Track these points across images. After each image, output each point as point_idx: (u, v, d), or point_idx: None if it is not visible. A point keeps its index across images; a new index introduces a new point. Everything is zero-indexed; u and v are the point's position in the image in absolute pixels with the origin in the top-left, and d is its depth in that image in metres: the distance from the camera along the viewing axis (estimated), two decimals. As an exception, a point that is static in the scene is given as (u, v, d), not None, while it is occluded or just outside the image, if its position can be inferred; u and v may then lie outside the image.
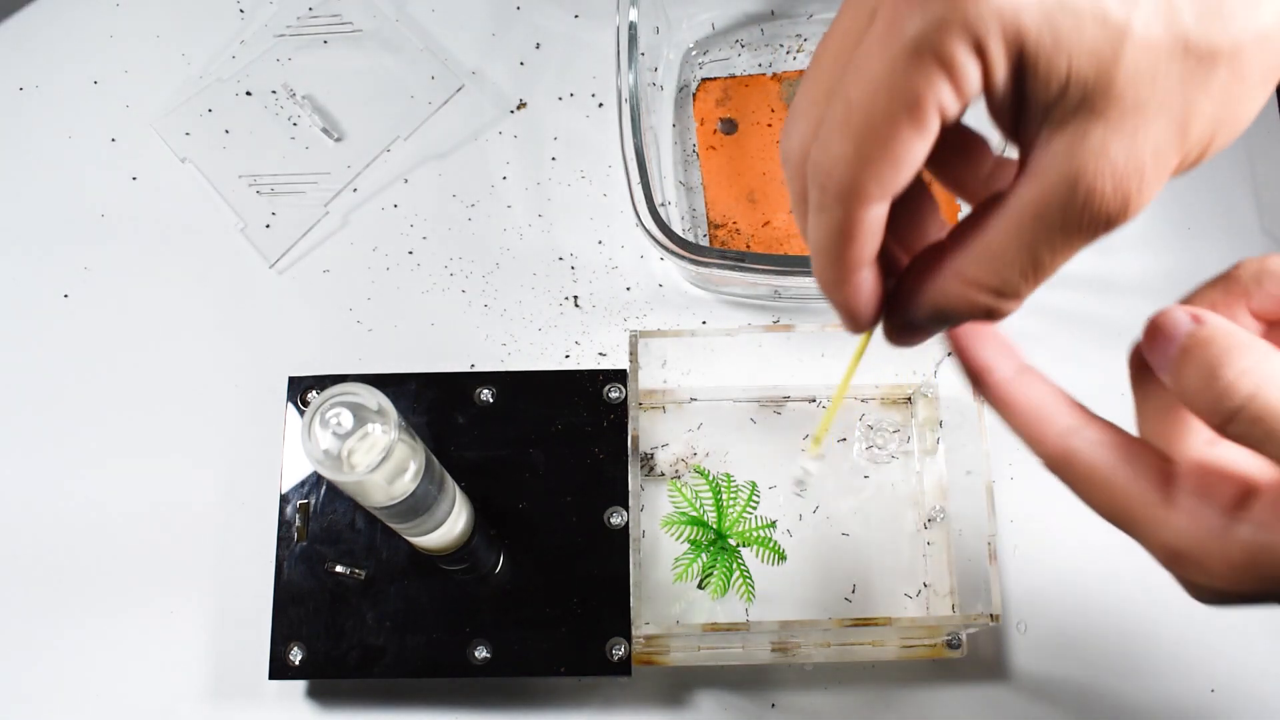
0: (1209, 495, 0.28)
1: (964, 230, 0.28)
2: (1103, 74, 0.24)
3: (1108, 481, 0.29)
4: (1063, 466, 0.30)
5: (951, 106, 0.24)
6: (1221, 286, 0.30)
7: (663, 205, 0.62)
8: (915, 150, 0.25)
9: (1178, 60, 0.24)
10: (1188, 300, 0.31)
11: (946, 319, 0.29)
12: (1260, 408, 0.26)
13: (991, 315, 0.28)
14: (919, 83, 0.24)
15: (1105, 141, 0.24)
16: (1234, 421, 0.26)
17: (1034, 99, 0.25)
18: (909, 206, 0.30)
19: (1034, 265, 0.27)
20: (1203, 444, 0.30)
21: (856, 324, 0.30)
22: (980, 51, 0.23)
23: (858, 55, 0.25)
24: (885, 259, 0.30)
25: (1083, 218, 0.25)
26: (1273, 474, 0.28)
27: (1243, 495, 0.28)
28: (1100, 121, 0.24)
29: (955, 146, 0.30)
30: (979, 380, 0.31)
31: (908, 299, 0.29)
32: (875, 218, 0.27)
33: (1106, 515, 0.29)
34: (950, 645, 0.57)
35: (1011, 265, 0.27)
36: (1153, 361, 0.29)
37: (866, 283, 0.29)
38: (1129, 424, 0.31)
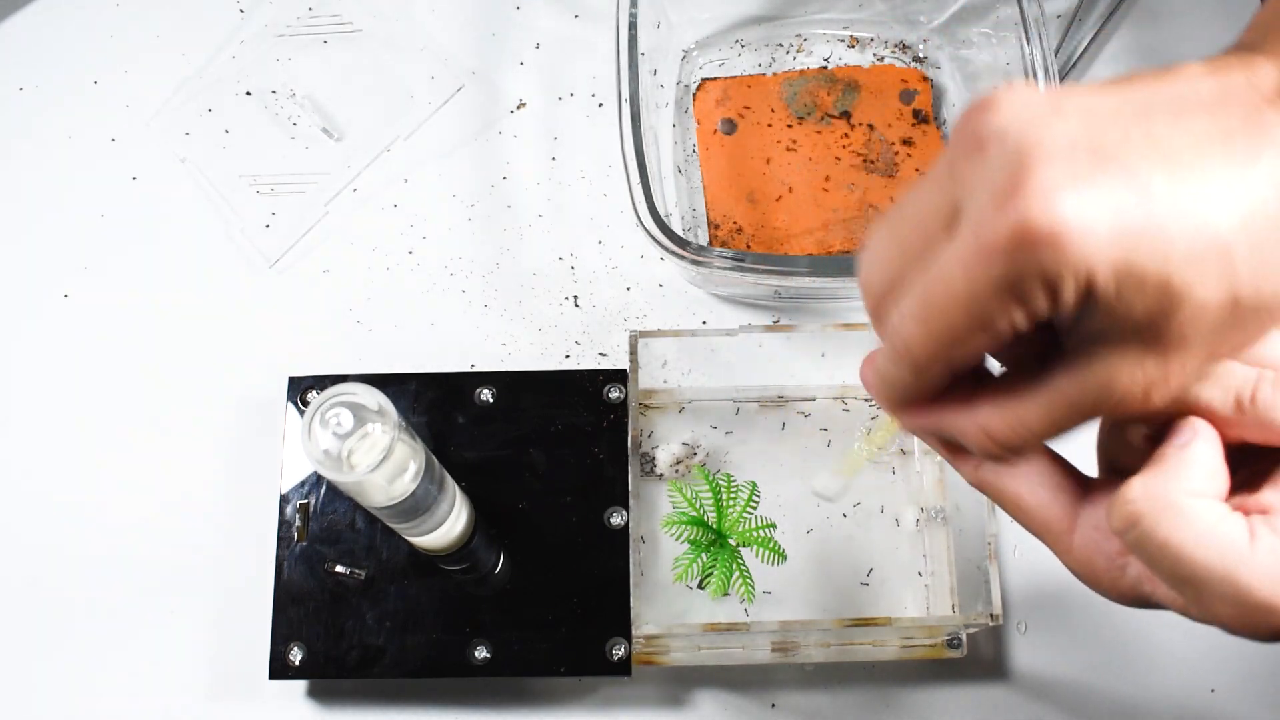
0: (1107, 532, 0.31)
1: (995, 389, 0.31)
2: (1156, 322, 0.26)
3: (1017, 508, 0.33)
4: (979, 488, 0.34)
5: (1020, 325, 0.27)
6: None
7: (663, 206, 0.62)
8: (983, 348, 0.29)
9: (1223, 314, 0.26)
10: None
11: (941, 442, 0.33)
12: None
13: (994, 459, 0.32)
14: (995, 311, 0.27)
15: (1142, 361, 0.27)
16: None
17: (1088, 321, 0.27)
18: None
19: (1050, 434, 0.30)
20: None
21: (887, 411, 0.33)
22: (1053, 295, 0.26)
23: (941, 260, 0.28)
24: None
25: (1108, 410, 0.29)
26: None
27: None
28: (1140, 348, 0.27)
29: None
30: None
31: (929, 418, 0.32)
32: (932, 380, 0.30)
33: (1026, 529, 0.33)
34: (950, 645, 0.57)
35: (1032, 433, 0.30)
36: None
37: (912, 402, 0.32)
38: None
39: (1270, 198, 0.26)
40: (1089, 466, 0.34)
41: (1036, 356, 0.30)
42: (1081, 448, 0.35)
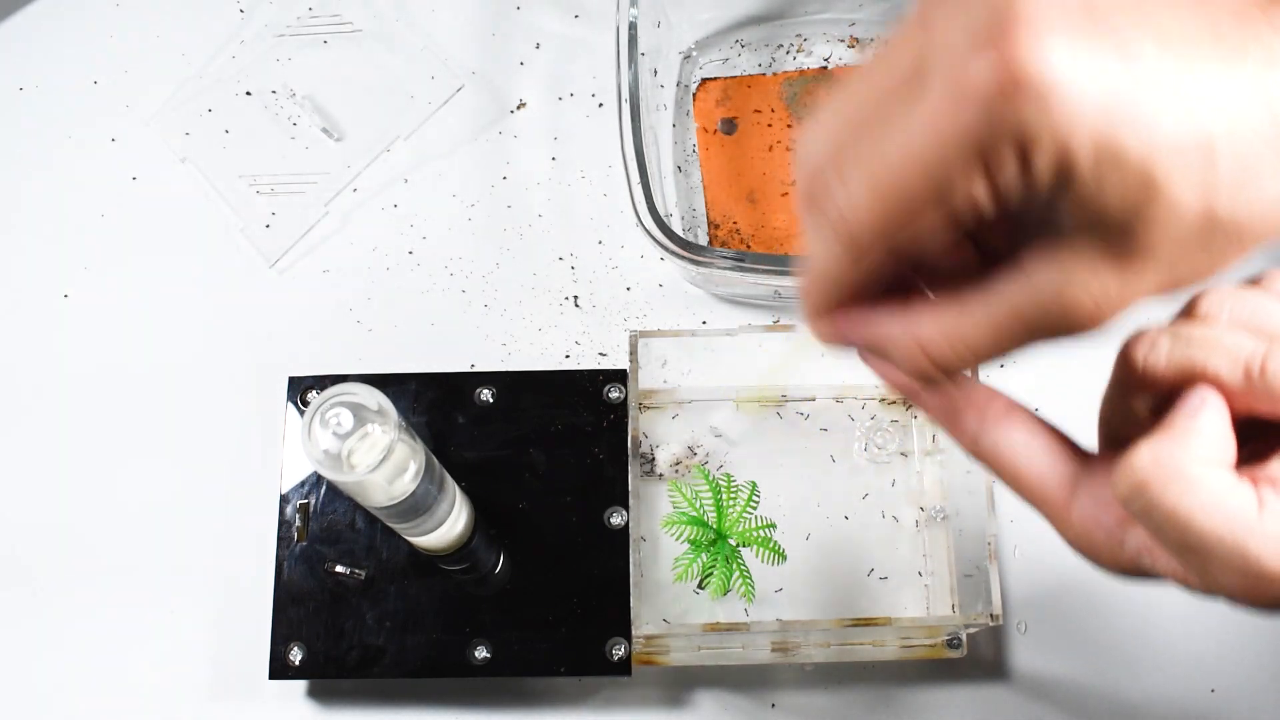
0: (1107, 504, 0.30)
1: (935, 301, 0.29)
2: (1124, 219, 0.25)
3: (1015, 479, 0.32)
4: (978, 458, 0.32)
5: (981, 203, 0.25)
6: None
7: (663, 206, 0.62)
8: (931, 228, 0.26)
9: (1196, 224, 0.25)
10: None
11: (886, 361, 0.31)
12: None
13: (927, 380, 0.30)
14: (958, 175, 0.24)
15: (1100, 270, 0.26)
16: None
17: (1051, 213, 0.25)
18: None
19: (989, 353, 0.28)
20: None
21: (810, 318, 0.31)
22: (1025, 164, 0.24)
23: (907, 116, 0.25)
24: None
25: (1056, 325, 0.27)
26: None
27: None
28: (1103, 252, 0.26)
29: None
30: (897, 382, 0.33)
31: (856, 323, 0.30)
32: (872, 268, 0.28)
33: (1024, 501, 0.32)
34: (950, 645, 0.57)
35: (970, 349, 0.28)
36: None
37: (840, 304, 0.30)
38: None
39: (1254, 103, 0.25)
40: (1087, 442, 0.34)
41: (973, 280, 0.28)
42: (1079, 425, 0.35)
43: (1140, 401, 0.31)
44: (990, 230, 0.27)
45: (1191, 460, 0.28)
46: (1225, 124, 0.24)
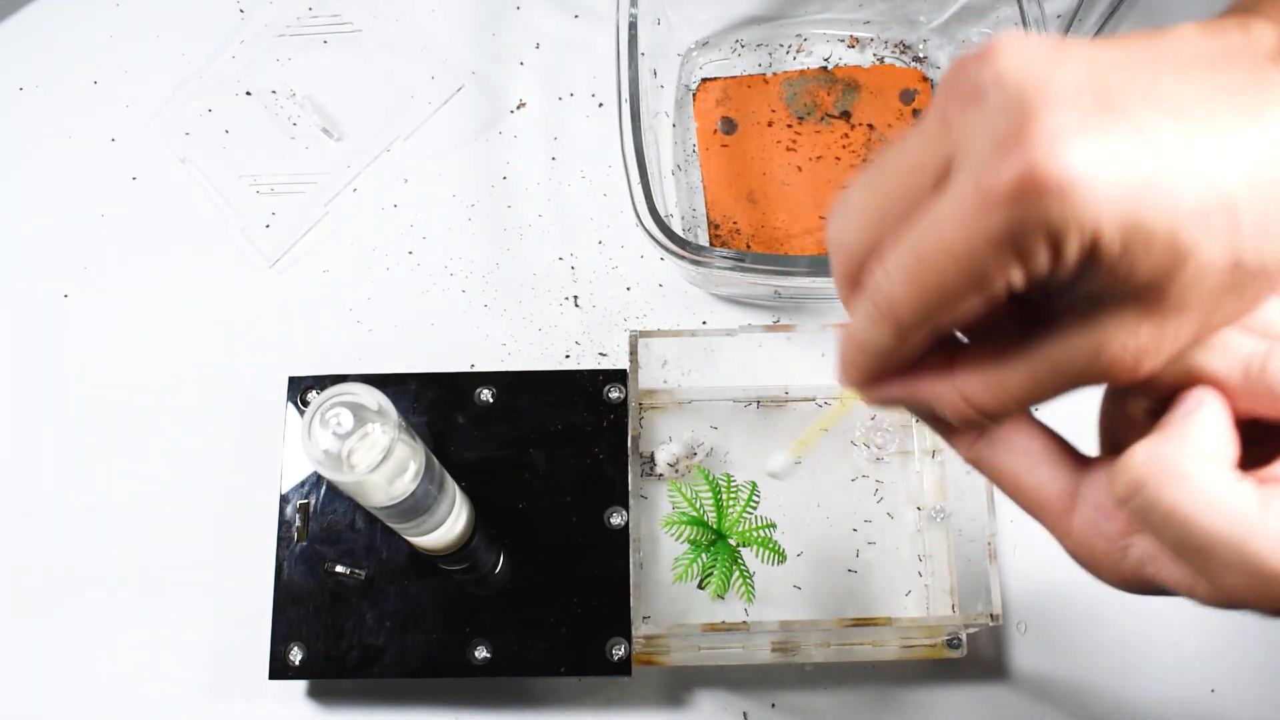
0: (1109, 512, 0.30)
1: (976, 355, 0.30)
2: (1157, 282, 0.26)
3: (1014, 488, 0.32)
4: (977, 466, 0.33)
5: (1016, 284, 0.26)
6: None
7: (663, 206, 0.62)
8: (975, 310, 0.27)
9: (1225, 276, 0.26)
10: None
11: (931, 416, 0.32)
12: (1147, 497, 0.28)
13: (972, 427, 0.31)
14: (993, 267, 0.25)
15: (1138, 326, 0.27)
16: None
17: (1085, 283, 0.26)
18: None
19: (1033, 401, 0.29)
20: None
21: (853, 387, 0.32)
22: (1055, 252, 0.25)
23: (935, 213, 0.26)
24: None
25: (1095, 376, 0.28)
26: None
27: None
28: (1138, 312, 0.26)
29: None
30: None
31: (902, 387, 0.31)
32: (917, 345, 0.29)
33: (1024, 510, 0.32)
34: (950, 645, 0.57)
35: (1015, 399, 0.29)
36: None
37: (886, 373, 0.31)
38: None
39: (1272, 156, 0.25)
40: (1089, 447, 0.34)
41: (1011, 327, 0.29)
42: (1082, 428, 0.35)
43: (1139, 405, 0.31)
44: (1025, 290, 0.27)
45: (1189, 457, 0.28)
46: (1245, 180, 0.25)
